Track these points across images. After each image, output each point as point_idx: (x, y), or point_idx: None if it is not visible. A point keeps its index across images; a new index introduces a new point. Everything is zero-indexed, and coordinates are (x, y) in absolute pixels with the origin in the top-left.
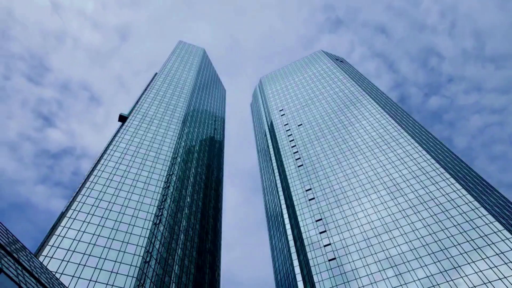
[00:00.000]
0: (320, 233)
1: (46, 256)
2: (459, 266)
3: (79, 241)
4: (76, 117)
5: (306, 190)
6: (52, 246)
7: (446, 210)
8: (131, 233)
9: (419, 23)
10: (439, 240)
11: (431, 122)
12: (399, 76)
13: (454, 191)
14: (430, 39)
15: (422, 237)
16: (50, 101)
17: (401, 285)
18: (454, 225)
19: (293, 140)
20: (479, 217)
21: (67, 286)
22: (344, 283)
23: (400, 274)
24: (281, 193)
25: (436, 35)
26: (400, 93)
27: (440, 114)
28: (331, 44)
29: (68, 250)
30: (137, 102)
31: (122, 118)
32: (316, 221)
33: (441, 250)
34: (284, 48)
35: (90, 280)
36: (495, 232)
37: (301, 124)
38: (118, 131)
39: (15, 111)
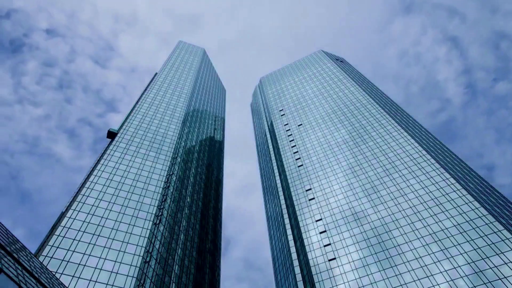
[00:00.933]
0: (320, 233)
1: (46, 256)
2: (459, 266)
3: (79, 241)
4: None
5: (306, 190)
6: (52, 246)
7: (446, 210)
8: (131, 233)
9: (492, 6)
10: (439, 240)
11: (497, 106)
12: (468, 61)
13: (454, 191)
14: (503, 23)
15: (422, 237)
16: (114, 85)
17: (401, 285)
18: (454, 225)
19: (293, 140)
20: (479, 217)
21: (67, 286)
22: (344, 283)
23: (400, 274)
24: (281, 193)
25: (510, 19)
26: (468, 78)
27: (507, 100)
28: (404, 27)
29: (68, 250)
30: (137, 102)
31: (111, 135)
32: (316, 221)
33: (441, 250)
34: (357, 31)
35: (90, 280)
36: (495, 232)
37: (301, 124)
38: (118, 132)
39: (77, 95)
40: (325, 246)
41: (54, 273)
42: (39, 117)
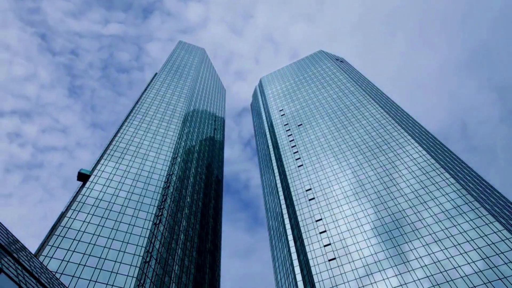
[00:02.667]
0: (320, 233)
1: (46, 256)
2: (459, 266)
3: (79, 241)
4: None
5: (306, 190)
6: (52, 246)
7: (446, 210)
8: (131, 233)
9: None
10: (439, 240)
11: None
12: None
13: (454, 191)
14: None
15: (422, 237)
16: (246, 54)
17: (401, 285)
18: (454, 225)
19: (293, 140)
20: (479, 217)
21: (67, 286)
22: (344, 283)
23: (400, 274)
24: (281, 193)
25: None
26: None
27: None
28: None
29: (68, 250)
30: (137, 102)
31: (82, 177)
32: (316, 221)
33: (441, 250)
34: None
35: (90, 280)
36: (495, 232)
37: (301, 124)
38: (117, 132)
39: None
40: (325, 246)
41: (54, 273)
42: None
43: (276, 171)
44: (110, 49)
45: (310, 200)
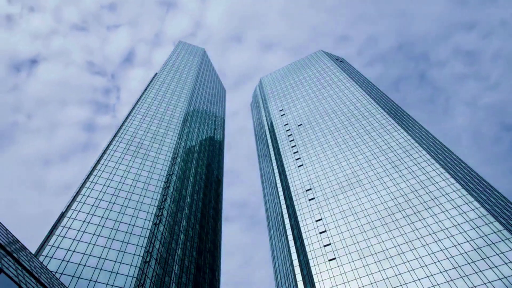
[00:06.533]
0: (320, 233)
1: (46, 256)
2: (459, 266)
3: (79, 241)
4: None
5: (306, 190)
6: (52, 246)
7: (446, 210)
8: (131, 233)
9: None
10: (439, 240)
11: None
12: None
13: (454, 191)
14: None
15: (422, 237)
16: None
17: (401, 285)
18: (454, 225)
19: (293, 140)
20: (479, 217)
21: (67, 286)
22: (344, 283)
23: (400, 274)
24: (281, 193)
25: None
26: None
27: None
28: None
29: (68, 250)
30: (137, 102)
31: None
32: (316, 221)
33: (441, 250)
34: None
35: (90, 280)
36: (495, 232)
37: (301, 124)
38: (117, 132)
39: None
40: (325, 246)
41: (54, 273)
42: None
43: (276, 171)
44: None
45: (310, 200)
